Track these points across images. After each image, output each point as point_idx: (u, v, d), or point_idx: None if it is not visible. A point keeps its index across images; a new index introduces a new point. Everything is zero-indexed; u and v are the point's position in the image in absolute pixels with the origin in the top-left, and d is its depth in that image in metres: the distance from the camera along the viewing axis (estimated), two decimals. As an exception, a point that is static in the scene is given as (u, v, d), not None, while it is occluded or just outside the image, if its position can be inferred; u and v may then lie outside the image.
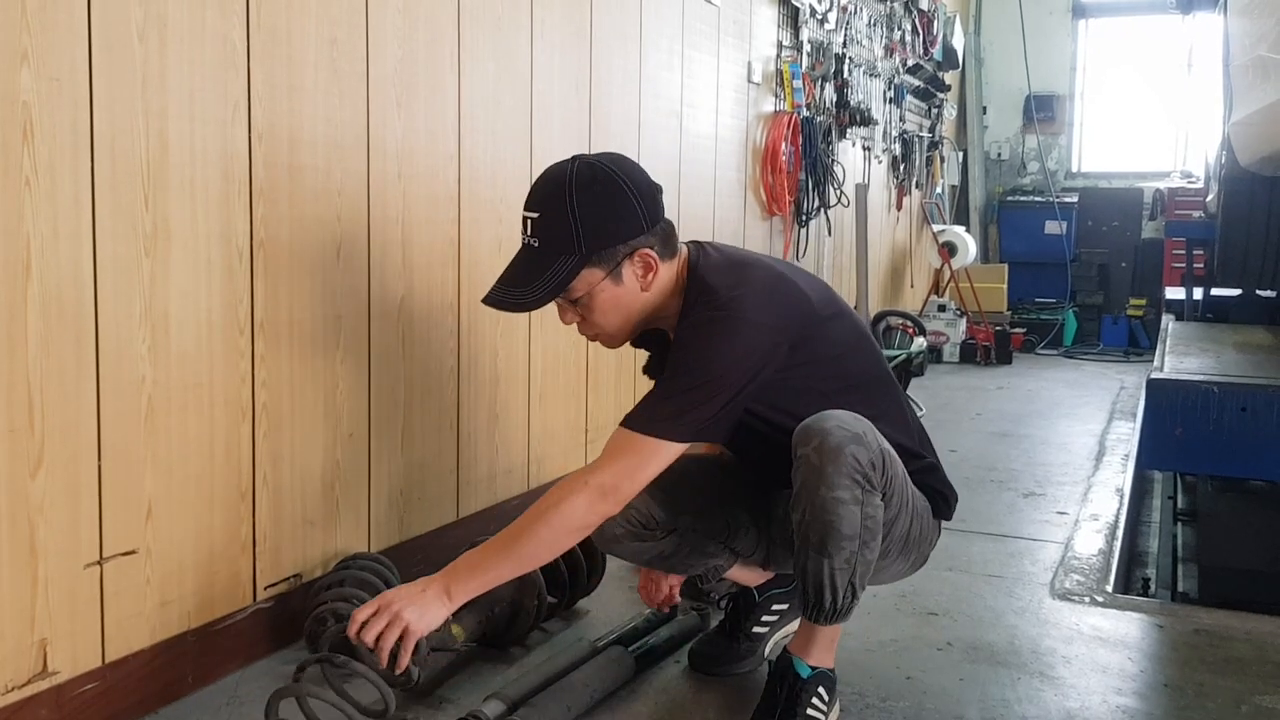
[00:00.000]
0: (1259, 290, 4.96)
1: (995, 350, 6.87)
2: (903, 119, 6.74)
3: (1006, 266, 7.89)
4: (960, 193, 8.67)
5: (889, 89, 6.31)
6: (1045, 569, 2.74)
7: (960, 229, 7.38)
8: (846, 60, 5.37)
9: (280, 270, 2.04)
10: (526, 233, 1.74)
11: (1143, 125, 8.56)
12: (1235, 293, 5.18)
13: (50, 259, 1.62)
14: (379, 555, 2.24)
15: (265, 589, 2.07)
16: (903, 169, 6.88)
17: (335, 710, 1.69)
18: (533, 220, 1.73)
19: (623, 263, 1.73)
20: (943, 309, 7.06)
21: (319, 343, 2.15)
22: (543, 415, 2.95)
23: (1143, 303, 7.89)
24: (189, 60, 1.82)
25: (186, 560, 1.90)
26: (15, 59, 1.55)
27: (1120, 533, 3.13)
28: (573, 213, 1.69)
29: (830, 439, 1.65)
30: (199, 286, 1.87)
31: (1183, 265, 5.96)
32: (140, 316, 1.77)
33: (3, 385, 1.57)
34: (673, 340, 1.79)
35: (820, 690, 1.77)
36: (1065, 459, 4.12)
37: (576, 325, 1.83)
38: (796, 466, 1.69)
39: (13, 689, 1.62)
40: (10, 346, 1.58)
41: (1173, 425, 3.04)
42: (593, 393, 3.20)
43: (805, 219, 4.96)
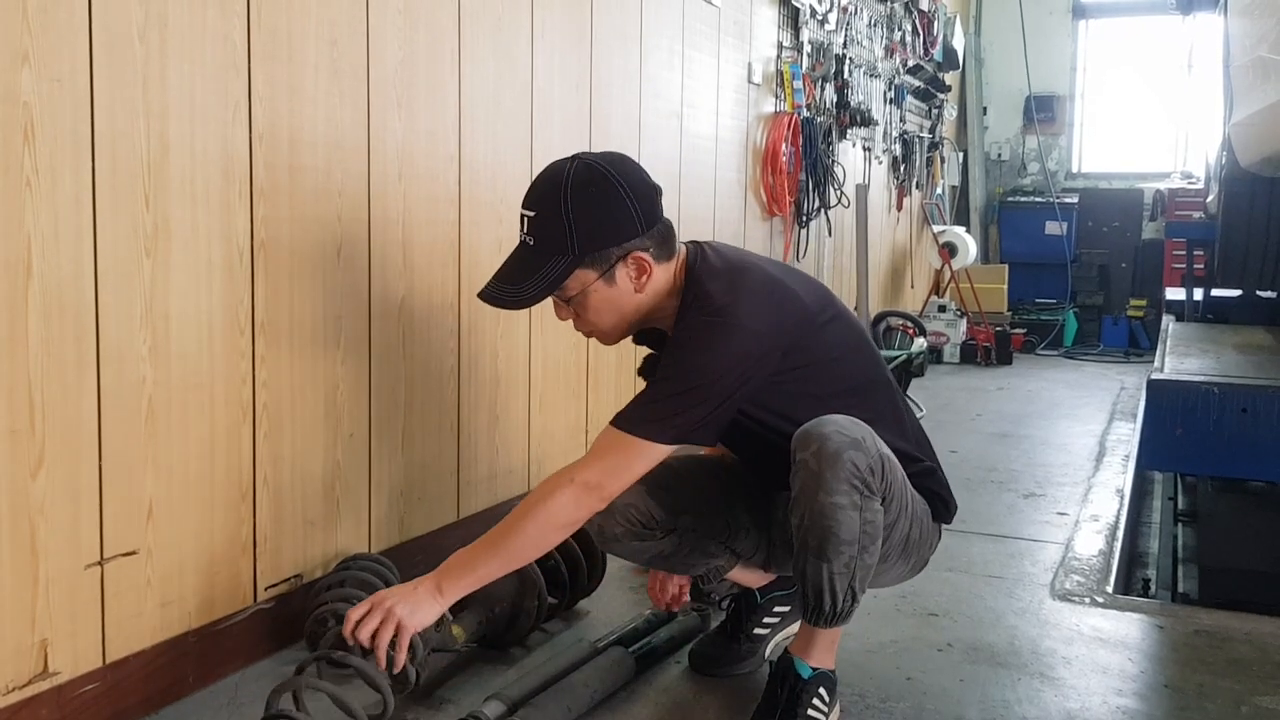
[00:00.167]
0: (1259, 291, 4.95)
1: (995, 351, 6.88)
2: (903, 120, 6.74)
3: (1007, 267, 7.89)
4: (960, 193, 8.67)
5: (889, 90, 6.31)
6: (1045, 570, 2.74)
7: (960, 229, 7.38)
8: (847, 61, 5.37)
9: (281, 271, 2.04)
10: (523, 230, 1.75)
11: (1143, 126, 8.56)
12: (1235, 293, 5.18)
13: (51, 259, 1.62)
14: (379, 556, 2.24)
15: (266, 589, 2.07)
16: (903, 169, 6.88)
17: (335, 710, 1.69)
18: (529, 219, 1.74)
19: (616, 264, 1.74)
20: (943, 309, 7.06)
21: (319, 343, 2.15)
22: (543, 416, 2.95)
23: (1143, 303, 7.89)
24: (190, 61, 1.82)
25: (187, 561, 1.90)
26: (16, 60, 1.55)
27: (1120, 533, 3.13)
28: (567, 214, 1.70)
29: (829, 444, 1.65)
30: (200, 287, 1.87)
31: (1183, 266, 5.96)
32: (141, 317, 1.77)
33: (3, 386, 1.57)
34: (667, 342, 1.80)
35: (821, 691, 1.77)
36: (1065, 460, 4.12)
37: (572, 322, 1.84)
38: (795, 471, 1.69)
39: (13, 689, 1.62)
40: (11, 347, 1.58)
41: (1173, 426, 3.04)
42: (593, 394, 3.20)
43: (805, 220, 4.97)
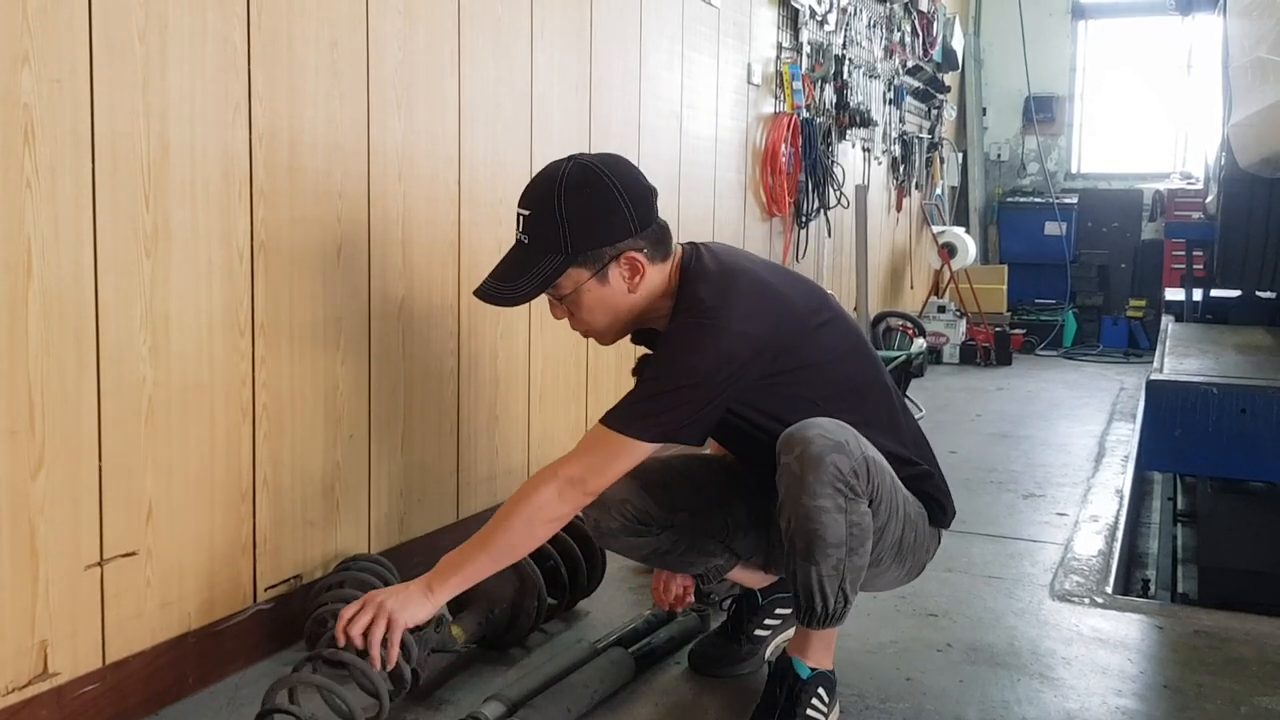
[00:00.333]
0: (1258, 291, 4.95)
1: (995, 351, 6.88)
2: (902, 120, 6.75)
3: (1006, 268, 7.89)
4: (960, 194, 8.67)
5: (889, 90, 6.31)
6: (1045, 570, 2.74)
7: (960, 230, 7.39)
8: (846, 62, 5.37)
9: (281, 272, 2.04)
10: (519, 229, 1.77)
11: (1142, 126, 8.56)
12: (1235, 294, 5.18)
13: (51, 260, 1.62)
14: (379, 556, 2.24)
15: (266, 590, 2.07)
16: (902, 170, 6.88)
17: (334, 710, 1.69)
18: (525, 217, 1.76)
19: (609, 264, 1.75)
20: (942, 310, 7.06)
21: (319, 344, 2.15)
22: (542, 417, 2.95)
23: (1142, 304, 7.89)
24: (190, 62, 1.82)
25: (187, 561, 1.90)
26: (16, 61, 1.55)
27: (1120, 534, 3.14)
28: (561, 213, 1.72)
29: (811, 448, 1.66)
30: (199, 288, 1.88)
31: (1182, 266, 5.96)
32: (141, 318, 1.77)
33: (3, 387, 1.57)
34: (657, 343, 1.81)
35: (820, 691, 1.77)
36: (1065, 460, 4.12)
37: (568, 321, 1.85)
38: (779, 475, 1.71)
39: (13, 690, 1.62)
40: (11, 348, 1.58)
41: (1172, 426, 3.04)
42: (592, 394, 3.20)
43: (805, 220, 4.97)
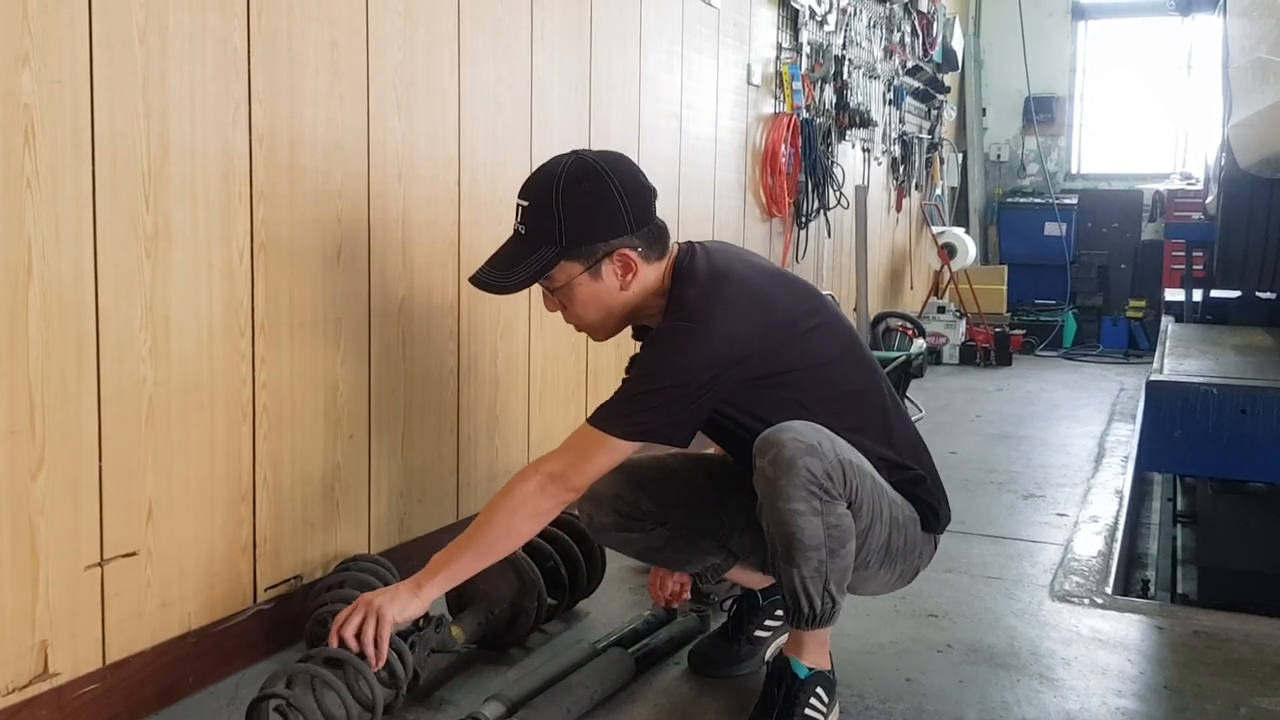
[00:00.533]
0: (1258, 292, 4.95)
1: (995, 352, 6.88)
2: (902, 121, 6.75)
3: (1006, 268, 7.89)
4: (960, 194, 8.67)
5: (888, 91, 6.31)
6: (1045, 571, 2.74)
7: (960, 230, 7.39)
8: (846, 62, 5.37)
9: (281, 272, 2.04)
10: (517, 219, 1.79)
11: (1142, 127, 8.56)
12: (1235, 295, 5.18)
13: (51, 261, 1.62)
14: (379, 557, 2.24)
15: (265, 590, 2.07)
16: (902, 171, 6.88)
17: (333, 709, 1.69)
18: (523, 208, 1.78)
19: (602, 260, 1.76)
20: (942, 310, 7.06)
21: (319, 344, 2.15)
22: (542, 417, 2.95)
23: (1142, 304, 7.89)
24: (190, 62, 1.82)
25: (187, 562, 1.90)
26: (17, 61, 1.55)
27: (1120, 534, 3.14)
28: (558, 206, 1.73)
29: (784, 451, 1.66)
30: (200, 288, 1.88)
31: (1182, 267, 5.96)
32: (141, 318, 1.77)
33: (4, 387, 1.57)
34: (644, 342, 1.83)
35: (819, 691, 1.77)
36: (1065, 461, 4.12)
37: (561, 314, 1.86)
38: (756, 479, 1.71)
39: (13, 690, 1.62)
40: (11, 348, 1.58)
41: (1172, 427, 3.05)
42: (592, 395, 3.20)
43: (805, 221, 4.97)
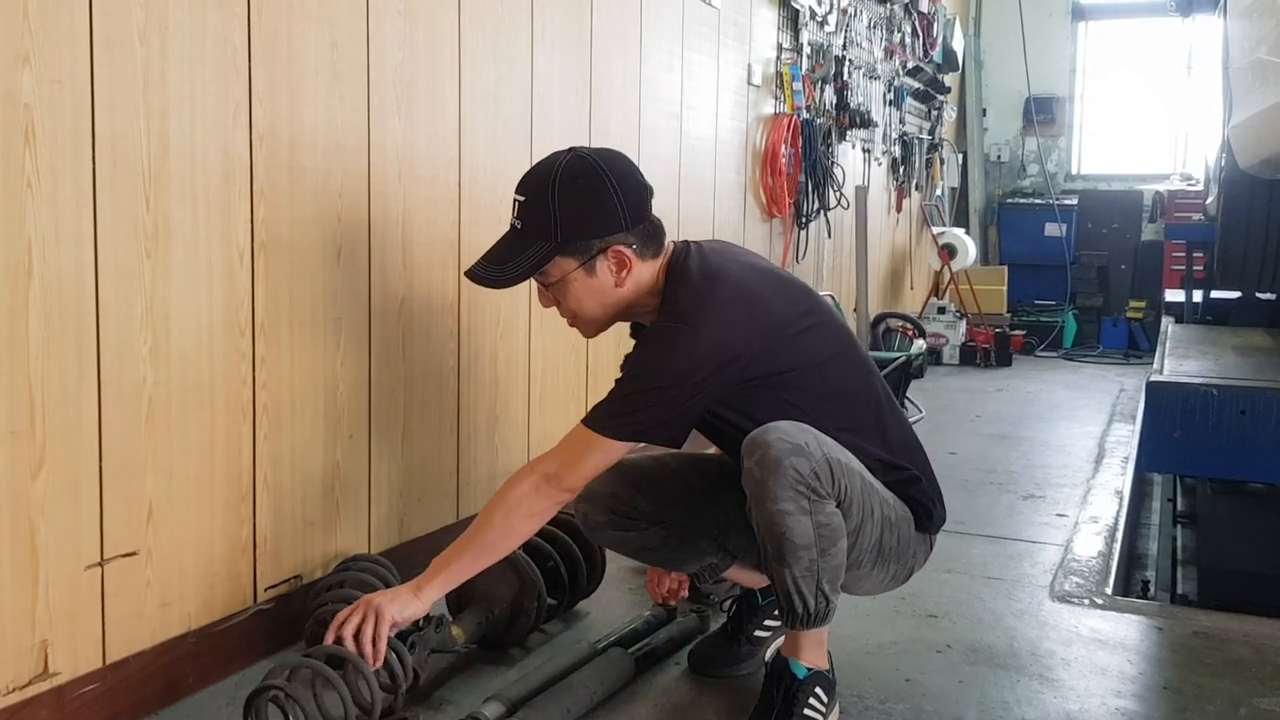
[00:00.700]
0: (1258, 293, 4.96)
1: (995, 352, 6.88)
2: (902, 121, 6.75)
3: (1006, 269, 7.89)
4: (960, 195, 8.67)
5: (889, 91, 6.31)
6: (1045, 571, 2.74)
7: (960, 231, 7.38)
8: (846, 62, 5.37)
9: (281, 272, 2.04)
10: (514, 214, 1.80)
11: (1143, 128, 8.56)
12: (1235, 295, 5.18)
13: (51, 261, 1.62)
14: (379, 557, 2.24)
15: (265, 590, 2.07)
16: (902, 171, 6.88)
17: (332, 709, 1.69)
18: (519, 203, 1.79)
19: (596, 256, 1.77)
20: (942, 311, 7.06)
21: (319, 344, 2.15)
22: (542, 417, 2.95)
23: (1142, 305, 7.89)
24: (190, 62, 1.83)
25: (187, 562, 1.90)
26: (17, 61, 1.55)
27: (1120, 535, 3.14)
28: (554, 202, 1.74)
29: (770, 451, 1.66)
30: (200, 288, 1.88)
31: (1182, 268, 5.96)
32: (141, 318, 1.77)
33: (4, 387, 1.57)
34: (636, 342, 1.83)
35: (818, 691, 1.77)
36: (1065, 461, 4.12)
37: (557, 309, 1.87)
38: (744, 479, 1.71)
39: (14, 690, 1.62)
40: (11, 348, 1.58)
41: (1172, 428, 3.05)
42: (592, 395, 3.20)
43: (805, 221, 4.97)
